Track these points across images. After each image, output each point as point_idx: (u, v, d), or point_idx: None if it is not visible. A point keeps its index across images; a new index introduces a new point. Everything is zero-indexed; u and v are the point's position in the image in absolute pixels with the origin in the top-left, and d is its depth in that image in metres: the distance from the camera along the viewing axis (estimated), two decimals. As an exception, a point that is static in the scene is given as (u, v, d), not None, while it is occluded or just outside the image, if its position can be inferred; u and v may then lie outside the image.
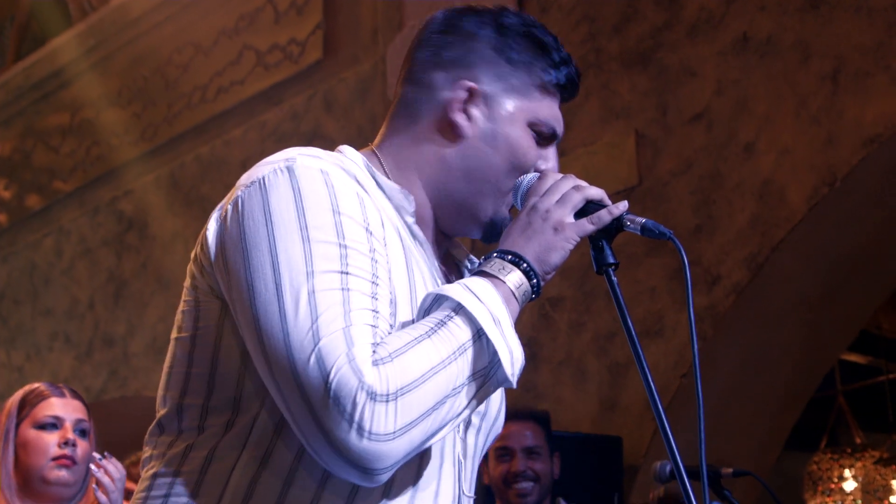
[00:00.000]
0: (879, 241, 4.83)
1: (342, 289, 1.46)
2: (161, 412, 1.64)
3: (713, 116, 4.83)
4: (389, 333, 1.49)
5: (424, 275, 1.66)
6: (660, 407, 1.56)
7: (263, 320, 1.46)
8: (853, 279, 4.92)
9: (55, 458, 3.21)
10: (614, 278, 1.65)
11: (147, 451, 1.64)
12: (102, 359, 7.36)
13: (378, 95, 6.11)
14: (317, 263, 1.47)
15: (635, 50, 5.17)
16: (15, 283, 8.36)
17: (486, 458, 4.01)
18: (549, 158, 1.75)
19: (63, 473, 3.21)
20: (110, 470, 3.25)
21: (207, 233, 1.59)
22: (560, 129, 1.75)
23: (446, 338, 1.47)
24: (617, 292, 1.64)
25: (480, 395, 1.52)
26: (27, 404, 3.28)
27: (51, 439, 3.23)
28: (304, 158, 1.57)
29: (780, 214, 4.54)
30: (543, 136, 1.73)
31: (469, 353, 1.48)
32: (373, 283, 1.50)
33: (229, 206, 1.57)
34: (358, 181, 1.62)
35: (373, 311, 1.47)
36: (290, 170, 1.55)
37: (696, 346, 1.60)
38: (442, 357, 1.46)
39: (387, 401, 1.40)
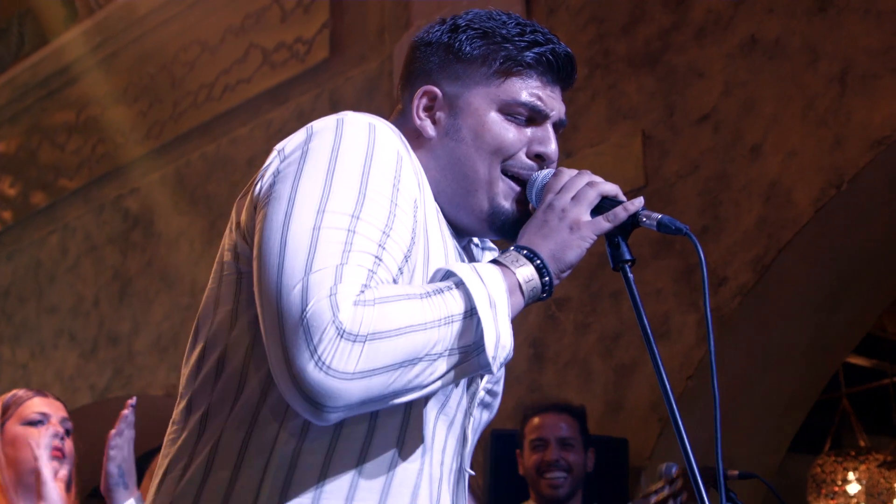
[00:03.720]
0: (886, 244, 4.82)
1: (348, 230, 1.48)
2: (191, 391, 1.64)
3: (720, 118, 4.83)
4: (388, 283, 1.50)
5: (457, 249, 1.70)
6: (673, 403, 1.55)
7: (265, 244, 1.49)
8: (859, 282, 4.92)
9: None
10: (630, 275, 1.66)
11: (173, 432, 1.65)
12: (107, 356, 7.36)
13: (385, 94, 6.11)
14: (332, 203, 1.49)
15: (643, 51, 5.17)
16: (20, 280, 8.37)
17: (521, 448, 4.06)
18: (545, 140, 1.75)
19: (55, 464, 3.22)
20: (129, 418, 3.26)
21: (253, 186, 1.62)
22: (544, 104, 1.75)
23: (438, 304, 1.48)
24: (633, 288, 1.65)
25: (457, 373, 1.51)
26: (11, 405, 3.30)
27: (39, 433, 3.25)
28: (357, 114, 1.62)
29: (787, 216, 4.54)
30: (524, 117, 1.74)
31: (456, 326, 1.48)
32: (384, 232, 1.51)
33: (273, 154, 1.62)
34: (405, 145, 1.66)
35: (375, 256, 1.49)
36: (340, 120, 1.59)
37: (711, 341, 1.60)
38: (426, 319, 1.46)
39: (354, 340, 1.41)
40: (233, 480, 1.54)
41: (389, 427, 1.57)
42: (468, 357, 1.50)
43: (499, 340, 1.51)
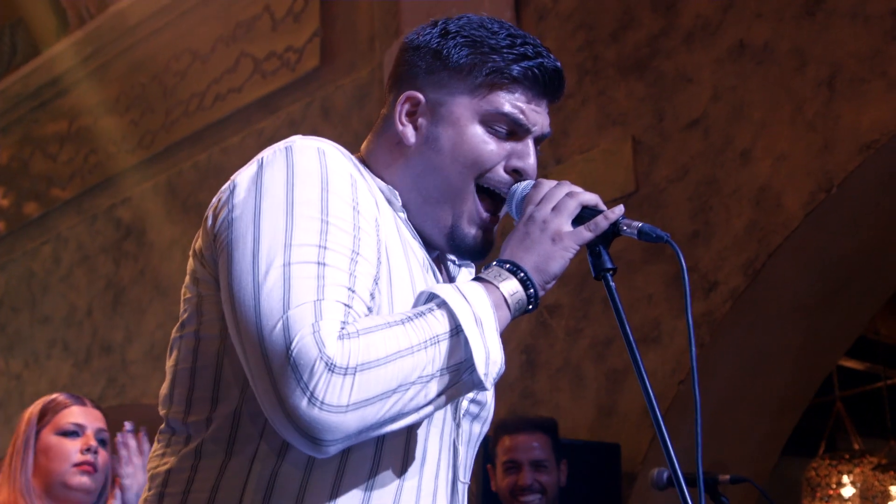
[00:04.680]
0: (876, 247, 4.83)
1: (318, 263, 1.48)
2: (166, 410, 1.65)
3: (710, 123, 4.84)
4: (367, 313, 1.50)
5: (423, 265, 1.68)
6: (657, 412, 1.56)
7: (237, 287, 1.48)
8: (850, 285, 4.92)
9: (77, 465, 3.24)
10: (612, 283, 1.66)
11: (157, 449, 1.65)
12: (100, 366, 7.36)
13: (375, 102, 6.11)
14: (296, 236, 1.49)
15: (632, 57, 5.18)
16: (13, 290, 8.36)
17: (493, 465, 4.05)
18: (523, 155, 1.74)
19: (85, 479, 3.23)
20: (137, 444, 3.30)
21: (207, 219, 1.62)
22: (526, 119, 1.73)
23: (421, 326, 1.48)
24: (615, 297, 1.65)
25: (451, 393, 1.51)
26: (48, 412, 3.30)
27: (73, 446, 3.26)
28: (304, 140, 1.60)
29: (777, 220, 4.55)
30: (505, 130, 1.73)
31: (443, 346, 1.48)
32: (352, 260, 1.51)
33: (226, 187, 1.61)
34: (355, 165, 1.65)
35: (348, 288, 1.48)
36: (288, 149, 1.58)
37: (693, 349, 1.61)
38: (412, 343, 1.46)
39: (344, 374, 1.41)
40: (210, 501, 1.55)
41: (375, 445, 1.57)
42: (460, 376, 1.50)
43: (489, 356, 1.51)
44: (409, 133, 1.74)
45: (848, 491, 7.27)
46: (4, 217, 8.69)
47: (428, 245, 1.77)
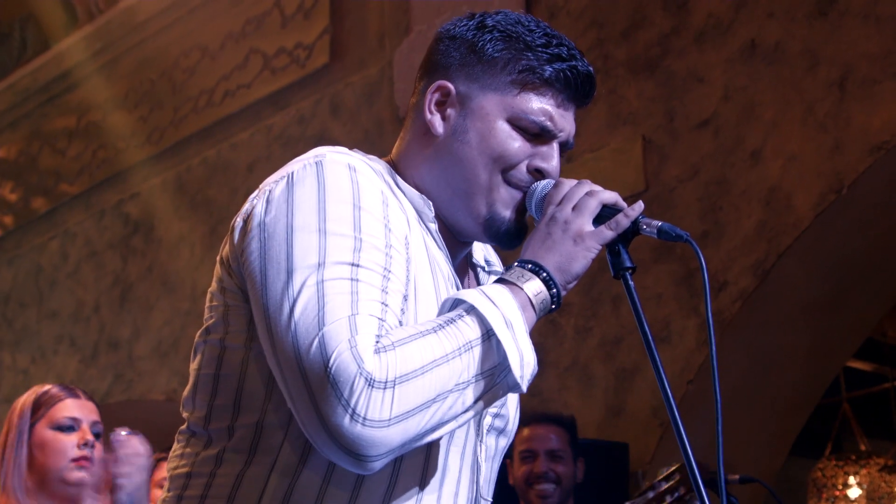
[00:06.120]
0: (886, 249, 4.82)
1: (351, 279, 1.48)
2: (189, 413, 1.65)
3: (720, 123, 4.83)
4: (398, 327, 1.50)
5: (448, 279, 1.68)
6: (676, 414, 1.56)
7: (272, 306, 1.48)
8: (859, 286, 4.92)
9: (75, 460, 3.22)
10: (631, 282, 1.66)
11: (177, 450, 1.65)
12: (108, 362, 7.36)
13: (385, 100, 6.11)
14: (329, 254, 1.49)
15: (643, 56, 5.17)
16: (20, 285, 8.37)
17: (511, 459, 4.05)
18: (547, 157, 1.73)
19: (83, 475, 3.22)
20: (134, 445, 3.29)
21: (234, 230, 1.61)
22: (554, 125, 1.72)
23: (453, 334, 1.48)
24: (634, 296, 1.65)
25: (488, 398, 1.51)
26: (42, 405, 3.28)
27: (69, 440, 3.24)
28: (334, 154, 1.60)
29: (787, 221, 4.54)
30: (529, 132, 1.72)
31: (476, 352, 1.48)
32: (384, 277, 1.51)
33: (256, 201, 1.60)
34: (385, 181, 1.65)
35: (381, 303, 1.48)
36: (318, 164, 1.57)
37: (713, 349, 1.61)
38: (446, 351, 1.46)
39: (384, 388, 1.41)
40: None
41: (392, 463, 1.56)
42: (495, 380, 1.50)
43: (522, 359, 1.52)
44: (437, 122, 1.73)
45: (854, 492, 7.25)
46: (12, 212, 8.70)
47: (456, 247, 1.77)
